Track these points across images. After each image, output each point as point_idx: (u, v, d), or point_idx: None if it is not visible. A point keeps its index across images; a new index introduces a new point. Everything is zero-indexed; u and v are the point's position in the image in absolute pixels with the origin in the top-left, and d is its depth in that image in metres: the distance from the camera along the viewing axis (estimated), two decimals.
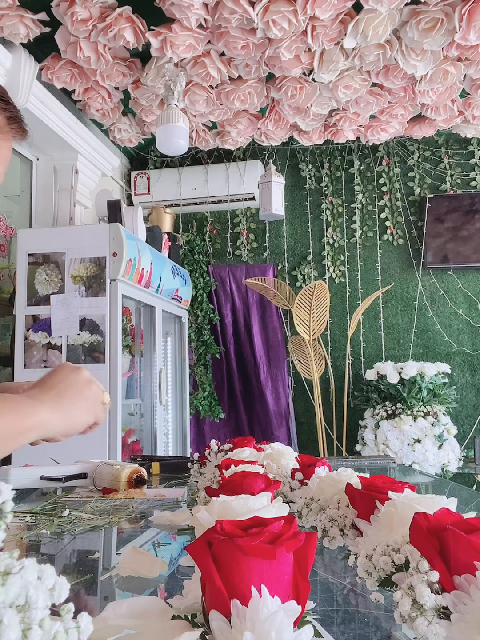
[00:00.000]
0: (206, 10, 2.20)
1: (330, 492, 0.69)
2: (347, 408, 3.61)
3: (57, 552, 0.74)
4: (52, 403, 0.72)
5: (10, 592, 0.23)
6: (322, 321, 3.47)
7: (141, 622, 0.40)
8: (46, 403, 0.72)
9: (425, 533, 0.40)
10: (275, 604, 0.34)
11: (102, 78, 2.62)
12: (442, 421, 3.24)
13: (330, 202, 3.88)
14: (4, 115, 0.75)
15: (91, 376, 0.83)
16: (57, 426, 0.72)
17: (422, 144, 3.79)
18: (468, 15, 2.17)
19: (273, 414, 3.71)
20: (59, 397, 0.74)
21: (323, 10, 2.14)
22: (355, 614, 0.53)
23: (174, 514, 0.87)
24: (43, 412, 0.70)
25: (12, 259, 2.97)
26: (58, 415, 0.72)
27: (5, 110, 0.75)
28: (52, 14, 2.25)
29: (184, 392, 3.53)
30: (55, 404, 0.72)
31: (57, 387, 0.76)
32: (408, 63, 2.47)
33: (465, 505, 1.00)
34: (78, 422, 0.77)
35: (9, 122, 0.76)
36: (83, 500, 1.04)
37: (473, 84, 2.82)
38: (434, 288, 3.75)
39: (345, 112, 3.09)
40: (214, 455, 1.07)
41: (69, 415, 0.74)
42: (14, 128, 0.77)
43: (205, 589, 0.36)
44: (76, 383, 0.79)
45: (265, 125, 3.19)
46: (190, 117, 3.07)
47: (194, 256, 3.86)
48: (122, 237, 2.58)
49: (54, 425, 0.72)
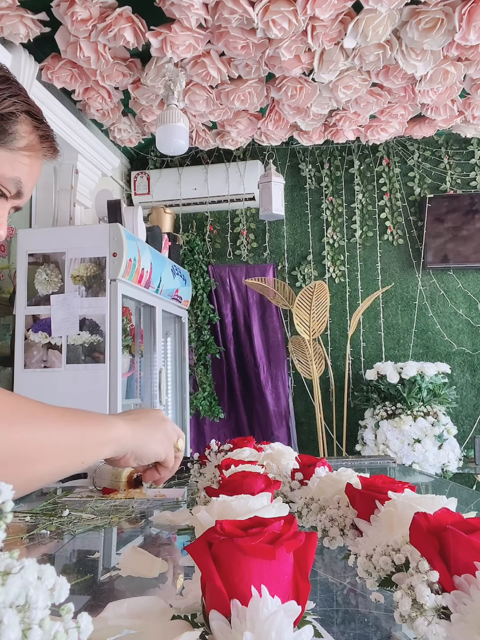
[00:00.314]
0: (206, 10, 2.20)
1: (330, 492, 0.69)
2: (347, 408, 3.61)
3: (57, 552, 0.74)
4: (128, 423, 0.74)
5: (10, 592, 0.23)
6: (322, 321, 3.47)
7: (141, 622, 0.40)
8: (124, 421, 0.74)
9: (425, 533, 0.40)
10: (275, 604, 0.34)
11: (102, 78, 2.62)
12: (442, 421, 3.24)
13: (330, 202, 3.88)
14: (37, 134, 0.76)
15: (167, 417, 0.85)
16: (131, 443, 0.74)
17: (422, 144, 3.79)
18: (468, 15, 2.17)
19: (273, 414, 3.71)
20: (135, 421, 0.76)
21: (323, 10, 2.14)
22: (355, 614, 0.53)
23: (174, 514, 0.87)
24: (120, 427, 0.72)
25: (12, 259, 2.97)
26: (133, 435, 0.74)
27: (39, 129, 0.76)
28: (52, 14, 2.25)
29: (184, 392, 3.53)
30: (130, 425, 0.74)
31: (132, 415, 0.79)
32: (408, 63, 2.47)
33: (465, 505, 1.00)
34: (150, 448, 0.77)
35: (41, 141, 0.77)
36: (83, 500, 1.04)
37: (473, 84, 2.82)
38: (434, 288, 3.75)
39: (345, 112, 3.09)
40: (214, 455, 1.07)
41: (142, 438, 0.76)
42: (45, 147, 0.78)
43: (205, 589, 0.36)
44: (152, 416, 0.81)
45: (265, 125, 3.19)
46: (190, 117, 3.07)
47: (194, 256, 3.86)
48: (122, 237, 2.58)
49: (128, 442, 0.73)
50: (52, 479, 0.64)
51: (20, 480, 0.59)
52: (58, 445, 0.62)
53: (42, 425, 0.61)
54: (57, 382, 2.56)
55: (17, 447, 0.57)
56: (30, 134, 0.75)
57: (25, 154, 0.75)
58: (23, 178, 0.75)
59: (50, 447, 0.61)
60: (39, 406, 0.62)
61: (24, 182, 0.76)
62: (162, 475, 0.86)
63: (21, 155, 0.74)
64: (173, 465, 0.85)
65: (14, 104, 0.72)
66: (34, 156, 0.76)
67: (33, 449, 0.59)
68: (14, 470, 0.57)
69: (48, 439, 0.61)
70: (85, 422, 0.67)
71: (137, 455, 0.75)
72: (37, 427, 0.60)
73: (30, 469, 0.60)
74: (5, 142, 0.72)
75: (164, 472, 0.85)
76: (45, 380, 2.57)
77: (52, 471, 0.63)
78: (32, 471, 0.60)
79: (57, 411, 0.64)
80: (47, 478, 0.63)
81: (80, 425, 0.66)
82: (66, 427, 0.64)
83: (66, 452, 0.64)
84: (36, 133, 0.76)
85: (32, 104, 0.76)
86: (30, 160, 0.76)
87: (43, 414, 0.62)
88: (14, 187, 0.75)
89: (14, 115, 0.72)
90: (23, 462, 0.58)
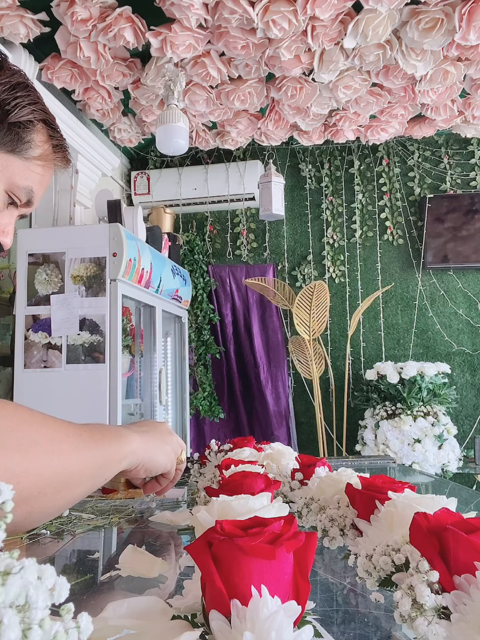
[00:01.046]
0: (206, 10, 2.20)
1: (330, 492, 0.69)
2: (347, 408, 3.61)
3: (57, 552, 0.74)
4: (141, 436, 0.74)
5: (10, 592, 0.23)
6: (322, 321, 3.47)
7: (141, 622, 0.40)
8: (138, 434, 0.74)
9: (425, 533, 0.40)
10: (275, 604, 0.34)
11: (102, 78, 2.62)
12: (442, 421, 3.24)
13: (330, 202, 3.88)
14: (51, 143, 0.75)
15: (172, 431, 0.86)
16: (143, 456, 0.74)
17: (422, 144, 3.79)
18: (468, 15, 2.17)
19: (273, 414, 3.71)
20: (146, 434, 0.76)
21: (323, 10, 2.14)
22: (355, 614, 0.53)
23: (174, 514, 0.87)
24: (135, 441, 0.72)
25: (12, 259, 2.97)
26: (145, 447, 0.74)
27: (53, 138, 0.75)
28: (52, 14, 2.25)
29: (184, 392, 3.53)
30: (143, 438, 0.75)
31: (143, 427, 0.79)
32: (408, 63, 2.47)
33: (465, 505, 1.00)
34: (159, 460, 0.78)
35: (54, 151, 0.76)
36: (83, 500, 1.04)
37: (473, 84, 2.82)
38: (434, 288, 3.75)
39: (345, 112, 3.09)
40: (214, 455, 1.07)
41: (151, 450, 0.76)
42: (58, 157, 0.77)
43: (205, 589, 0.36)
44: (160, 430, 0.82)
45: (265, 125, 3.20)
46: (190, 117, 3.07)
47: (194, 256, 3.86)
48: (122, 237, 2.58)
49: (141, 455, 0.73)
50: (82, 499, 0.65)
51: (58, 506, 0.60)
52: (91, 467, 0.63)
53: (79, 451, 0.61)
54: (57, 382, 2.56)
55: (59, 475, 0.57)
56: (45, 143, 0.74)
57: (39, 163, 0.74)
58: (34, 187, 0.74)
59: (85, 470, 0.61)
60: (68, 427, 0.62)
61: (34, 191, 0.75)
62: (163, 486, 0.86)
63: (35, 164, 0.73)
64: (174, 477, 0.86)
65: (32, 112, 0.71)
66: (47, 165, 0.75)
67: (73, 475, 0.59)
68: (53, 498, 0.57)
69: (84, 464, 0.61)
70: (106, 438, 0.67)
71: (147, 467, 0.76)
72: (74, 452, 0.60)
73: (69, 494, 0.60)
74: (20, 150, 0.71)
75: (164, 482, 0.85)
76: (45, 380, 2.57)
77: (84, 493, 0.64)
78: (70, 496, 0.61)
79: (85, 431, 0.64)
80: (78, 500, 0.64)
81: (105, 443, 0.66)
82: (95, 447, 0.64)
83: (96, 473, 0.64)
84: (50, 142, 0.75)
85: (49, 112, 0.75)
86: (43, 170, 0.75)
87: (75, 436, 0.62)
88: (25, 196, 0.74)
89: (32, 123, 0.71)
90: (62, 489, 0.58)
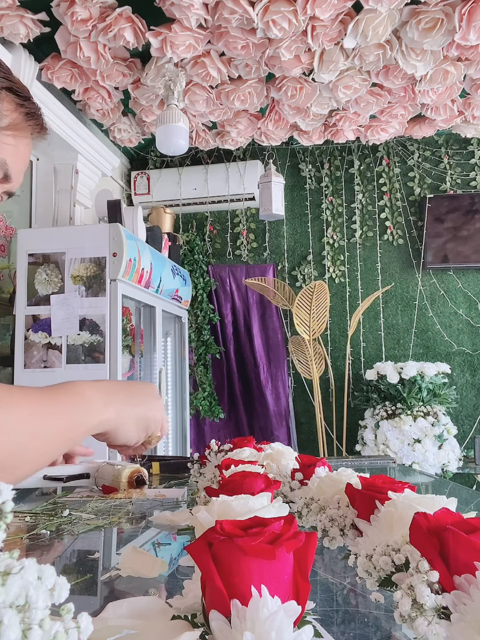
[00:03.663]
0: (206, 10, 2.20)
1: (330, 492, 0.69)
2: (347, 408, 3.61)
3: (57, 552, 0.74)
4: (117, 407, 0.73)
5: (10, 592, 0.23)
6: (322, 321, 3.47)
7: (141, 622, 0.40)
8: (114, 405, 0.72)
9: (425, 533, 0.40)
10: (275, 604, 0.34)
11: (102, 78, 2.62)
12: (442, 421, 3.24)
13: (330, 202, 3.88)
14: (21, 111, 0.73)
15: (159, 396, 0.84)
16: (112, 425, 0.72)
17: (422, 144, 3.79)
18: (468, 15, 2.17)
19: (273, 414, 3.71)
20: (124, 405, 0.75)
21: (323, 10, 2.14)
22: (355, 614, 0.53)
23: (174, 514, 0.87)
24: (107, 412, 0.71)
25: (12, 259, 2.97)
26: (116, 418, 0.72)
27: (23, 107, 0.73)
28: (52, 14, 2.25)
29: (184, 392, 3.53)
30: (117, 409, 0.73)
31: (125, 391, 0.77)
32: (408, 63, 2.47)
33: (465, 505, 1.00)
34: (125, 434, 0.76)
35: (26, 119, 0.73)
36: (83, 500, 1.04)
37: (473, 84, 2.82)
38: (434, 288, 3.75)
39: (345, 112, 3.09)
40: (214, 455, 1.07)
41: (122, 423, 0.74)
42: (31, 125, 0.74)
43: (205, 589, 0.36)
44: (145, 393, 0.80)
45: (265, 125, 3.19)
46: (190, 117, 3.07)
47: (194, 256, 3.86)
48: (122, 237, 2.58)
49: (110, 424, 0.72)
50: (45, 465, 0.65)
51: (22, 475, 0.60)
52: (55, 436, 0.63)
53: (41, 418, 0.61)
54: (57, 382, 2.56)
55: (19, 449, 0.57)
56: (13, 112, 0.71)
57: (9, 133, 0.71)
58: (9, 160, 0.72)
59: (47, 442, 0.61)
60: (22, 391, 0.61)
61: (10, 164, 0.72)
62: (122, 450, 0.85)
63: (4, 135, 0.71)
64: (137, 448, 0.84)
65: None
66: (20, 135, 0.73)
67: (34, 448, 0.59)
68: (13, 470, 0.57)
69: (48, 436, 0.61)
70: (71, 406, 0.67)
71: (110, 436, 0.75)
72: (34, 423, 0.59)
73: (29, 468, 0.60)
74: None
75: (124, 449, 0.84)
76: (45, 380, 2.57)
77: (47, 461, 0.64)
78: (30, 469, 0.61)
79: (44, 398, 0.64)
80: (42, 467, 0.64)
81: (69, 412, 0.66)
82: (58, 416, 0.63)
83: (61, 443, 0.65)
84: (20, 111, 0.72)
85: (15, 80, 0.72)
86: (16, 140, 0.72)
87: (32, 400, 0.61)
88: (0, 170, 0.72)
89: None
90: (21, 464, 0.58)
